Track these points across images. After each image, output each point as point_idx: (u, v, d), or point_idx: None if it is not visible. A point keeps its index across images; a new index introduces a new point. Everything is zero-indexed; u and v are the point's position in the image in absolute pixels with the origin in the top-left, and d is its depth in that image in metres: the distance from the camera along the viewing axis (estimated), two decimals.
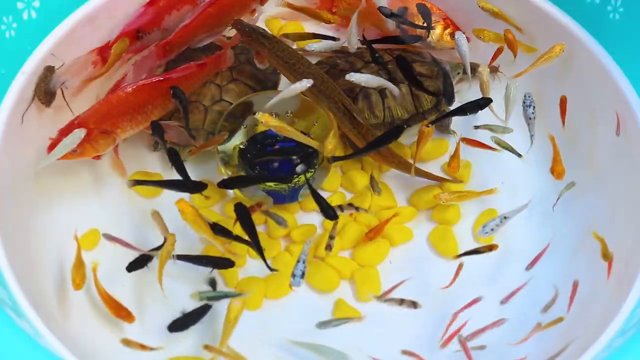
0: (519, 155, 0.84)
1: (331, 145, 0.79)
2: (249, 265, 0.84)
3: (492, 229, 0.78)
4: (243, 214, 0.76)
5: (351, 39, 0.86)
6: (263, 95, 0.87)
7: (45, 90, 0.80)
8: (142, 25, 0.85)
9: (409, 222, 0.87)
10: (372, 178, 0.86)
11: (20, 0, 0.78)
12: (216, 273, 0.82)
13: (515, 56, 0.87)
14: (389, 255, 0.85)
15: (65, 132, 0.78)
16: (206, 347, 0.73)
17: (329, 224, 0.82)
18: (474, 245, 0.86)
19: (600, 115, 0.85)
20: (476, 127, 0.86)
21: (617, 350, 0.67)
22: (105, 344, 0.76)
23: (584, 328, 0.75)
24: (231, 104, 0.87)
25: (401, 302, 0.75)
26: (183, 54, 0.87)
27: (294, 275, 0.75)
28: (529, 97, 0.84)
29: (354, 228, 0.85)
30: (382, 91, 0.87)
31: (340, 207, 0.81)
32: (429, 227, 0.87)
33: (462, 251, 0.84)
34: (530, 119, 0.84)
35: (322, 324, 0.74)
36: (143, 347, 0.72)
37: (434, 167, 0.89)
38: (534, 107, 0.84)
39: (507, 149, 0.84)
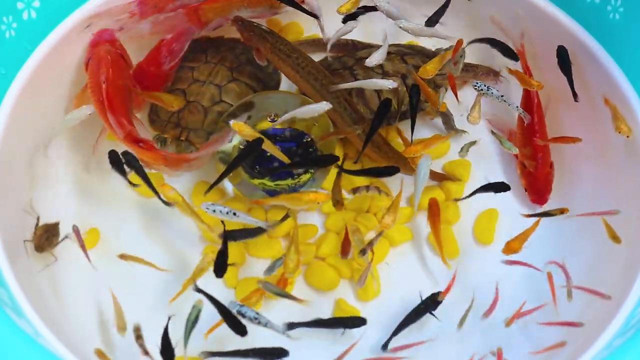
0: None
1: (292, 263, 0.76)
2: (249, 265, 0.84)
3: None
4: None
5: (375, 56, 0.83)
6: (263, 95, 0.87)
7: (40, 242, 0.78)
8: None
9: (408, 222, 0.87)
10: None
11: (20, 0, 0.78)
12: None
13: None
14: (389, 255, 0.85)
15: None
16: None
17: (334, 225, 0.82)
18: (474, 246, 0.86)
19: (600, 114, 0.85)
20: (493, 133, 0.87)
21: (617, 350, 0.67)
22: (104, 343, 0.76)
23: (584, 327, 0.75)
24: (231, 105, 0.86)
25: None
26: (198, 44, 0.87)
27: (242, 314, 0.72)
28: (479, 84, 0.81)
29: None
30: None
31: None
32: (429, 227, 0.86)
33: (463, 251, 0.85)
34: (501, 96, 0.81)
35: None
36: None
37: (434, 168, 0.89)
38: (489, 87, 0.81)
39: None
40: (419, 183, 0.79)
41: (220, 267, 0.74)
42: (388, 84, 0.80)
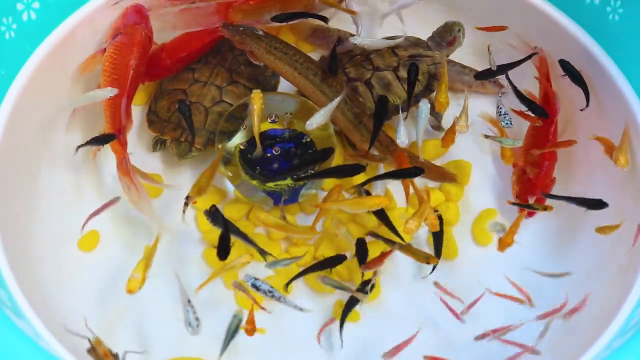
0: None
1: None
2: (249, 266, 0.84)
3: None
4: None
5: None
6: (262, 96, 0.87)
7: None
8: None
9: None
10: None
11: (19, 2, 0.78)
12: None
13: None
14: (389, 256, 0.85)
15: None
16: None
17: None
18: (473, 246, 0.86)
19: (600, 115, 0.85)
20: (486, 137, 0.85)
21: (617, 350, 0.67)
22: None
23: (584, 328, 0.75)
24: (231, 104, 0.87)
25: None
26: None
27: (256, 287, 0.74)
28: (501, 110, 0.84)
29: (354, 229, 0.85)
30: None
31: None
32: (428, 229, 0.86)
33: (463, 252, 0.85)
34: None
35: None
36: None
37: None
38: (501, 105, 0.84)
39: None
40: (419, 125, 0.79)
41: (223, 250, 0.74)
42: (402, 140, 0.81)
